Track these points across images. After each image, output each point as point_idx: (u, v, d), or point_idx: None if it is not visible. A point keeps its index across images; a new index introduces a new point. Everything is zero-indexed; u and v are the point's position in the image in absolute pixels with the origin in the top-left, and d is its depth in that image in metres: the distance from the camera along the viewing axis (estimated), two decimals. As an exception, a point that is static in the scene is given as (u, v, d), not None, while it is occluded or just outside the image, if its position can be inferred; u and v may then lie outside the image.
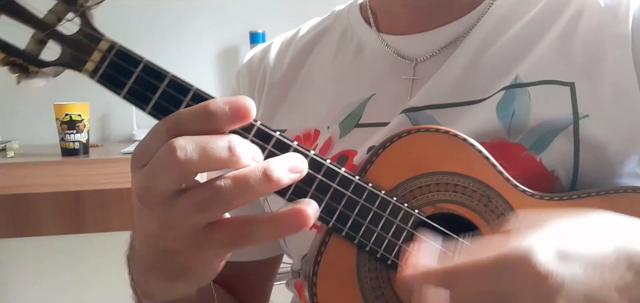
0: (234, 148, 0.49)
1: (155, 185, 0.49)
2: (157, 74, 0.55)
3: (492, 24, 0.74)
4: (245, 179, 0.48)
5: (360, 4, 0.86)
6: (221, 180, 0.48)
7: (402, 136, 0.62)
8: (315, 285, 0.60)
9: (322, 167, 0.57)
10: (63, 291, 2.37)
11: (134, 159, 0.51)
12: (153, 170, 0.49)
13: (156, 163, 0.48)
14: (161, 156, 0.48)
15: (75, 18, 0.54)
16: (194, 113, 0.50)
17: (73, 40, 0.55)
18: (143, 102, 0.55)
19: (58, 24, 0.55)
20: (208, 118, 0.49)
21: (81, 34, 0.55)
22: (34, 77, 0.54)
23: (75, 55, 0.55)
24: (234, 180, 0.48)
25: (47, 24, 0.54)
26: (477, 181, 0.61)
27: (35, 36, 0.54)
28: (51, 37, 0.55)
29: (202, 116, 0.49)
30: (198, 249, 0.51)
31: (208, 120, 0.49)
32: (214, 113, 0.49)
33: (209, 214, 0.49)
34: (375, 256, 0.60)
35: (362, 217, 0.59)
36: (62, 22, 0.54)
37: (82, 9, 0.53)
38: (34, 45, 0.55)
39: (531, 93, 0.68)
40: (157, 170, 0.48)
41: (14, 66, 0.53)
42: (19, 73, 0.54)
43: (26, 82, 0.54)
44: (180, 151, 0.47)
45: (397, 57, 0.78)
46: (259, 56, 0.90)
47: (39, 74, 0.54)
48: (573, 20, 0.71)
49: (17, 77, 0.54)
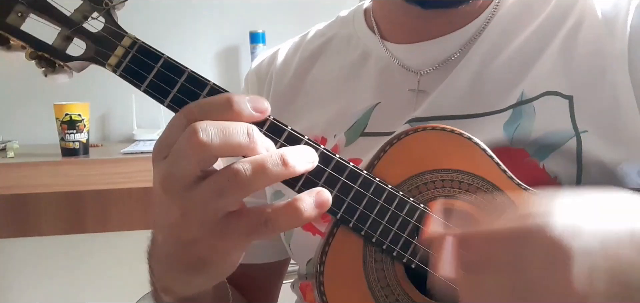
0: (253, 134, 0.52)
1: (178, 170, 0.51)
2: (177, 69, 0.59)
3: (496, 35, 0.74)
4: (263, 162, 0.51)
5: (364, 10, 0.87)
6: (239, 164, 0.51)
7: (409, 133, 0.64)
8: (322, 275, 0.62)
9: (331, 161, 0.59)
10: (63, 291, 2.38)
11: (155, 152, 0.54)
12: (176, 155, 0.51)
13: (178, 147, 0.51)
14: (184, 140, 0.50)
15: (100, 16, 0.57)
16: (215, 102, 0.53)
17: (98, 37, 0.58)
18: (162, 96, 0.58)
19: (84, 22, 0.58)
20: (230, 107, 0.52)
21: (105, 31, 0.58)
22: (60, 72, 0.57)
23: (99, 50, 0.58)
24: (252, 163, 0.51)
25: (74, 22, 0.57)
26: (480, 178, 0.62)
27: (62, 33, 0.57)
28: (77, 34, 0.58)
29: (225, 105, 0.52)
30: (218, 238, 0.53)
31: (229, 110, 0.52)
32: (236, 103, 0.52)
33: (229, 198, 0.51)
34: (381, 248, 0.61)
35: (368, 210, 0.60)
36: (88, 20, 0.57)
37: (107, 8, 0.56)
38: (60, 41, 0.58)
39: (536, 107, 0.69)
40: (180, 154, 0.51)
41: (41, 60, 0.56)
42: (45, 67, 0.56)
43: (52, 76, 0.57)
44: (202, 133, 0.49)
45: (402, 68, 0.78)
46: (267, 62, 0.91)
47: (65, 69, 0.57)
48: (573, 30, 0.71)
49: (43, 71, 0.57)
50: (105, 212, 1.94)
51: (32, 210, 2.02)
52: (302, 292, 0.83)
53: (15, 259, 2.39)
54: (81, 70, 0.58)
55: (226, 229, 0.52)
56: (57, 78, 0.57)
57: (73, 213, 1.97)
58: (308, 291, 0.81)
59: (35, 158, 2.00)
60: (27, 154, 2.07)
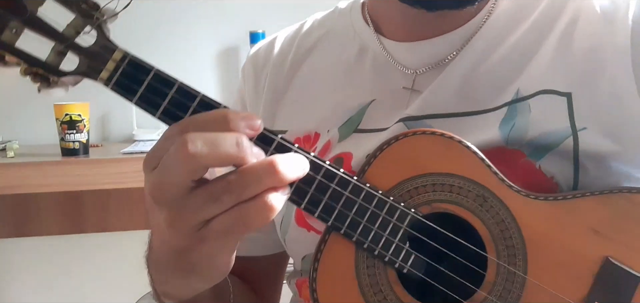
0: (242, 144, 0.52)
1: (167, 179, 0.52)
2: (166, 82, 0.59)
3: (491, 33, 0.74)
4: (254, 171, 0.52)
5: (362, 4, 0.86)
6: (231, 175, 0.52)
7: (399, 139, 0.64)
8: (315, 282, 0.62)
9: (321, 168, 0.60)
10: (63, 291, 2.38)
11: (146, 162, 0.55)
12: (165, 165, 0.52)
13: (168, 158, 0.52)
14: (173, 151, 0.51)
15: (92, 31, 0.58)
16: (211, 118, 0.54)
17: (90, 51, 0.59)
18: (153, 108, 0.59)
19: (76, 37, 0.58)
20: (226, 124, 0.53)
21: (97, 46, 0.59)
22: (54, 87, 0.58)
23: (92, 65, 0.59)
24: (244, 172, 0.52)
25: (67, 37, 0.58)
26: (472, 182, 0.62)
27: (55, 48, 0.58)
28: (70, 49, 0.58)
29: (221, 121, 0.53)
30: (201, 243, 0.54)
31: (224, 124, 0.53)
32: (232, 121, 0.53)
33: (221, 206, 0.52)
34: (373, 254, 0.61)
35: (359, 216, 0.61)
36: (80, 34, 0.58)
37: (98, 22, 0.57)
38: (54, 56, 0.58)
39: (531, 105, 0.68)
40: (169, 165, 0.52)
41: (35, 76, 0.57)
42: (40, 83, 0.57)
43: (47, 91, 0.58)
44: (191, 145, 0.50)
45: (398, 66, 0.78)
46: (264, 51, 0.90)
47: (59, 83, 0.58)
48: (569, 27, 0.71)
49: (38, 87, 0.57)
50: (105, 212, 1.94)
51: (32, 210, 2.02)
52: (297, 289, 0.84)
53: (15, 259, 2.40)
54: (75, 84, 0.59)
55: (206, 234, 0.54)
56: (51, 92, 0.58)
57: (73, 213, 1.97)
58: (304, 288, 0.81)
59: (35, 158, 2.00)
60: (27, 154, 2.07)
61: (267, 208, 0.53)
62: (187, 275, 0.59)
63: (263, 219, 0.53)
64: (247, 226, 0.53)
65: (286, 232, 0.80)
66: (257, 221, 0.53)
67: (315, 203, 0.60)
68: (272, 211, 0.53)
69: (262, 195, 0.53)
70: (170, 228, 0.54)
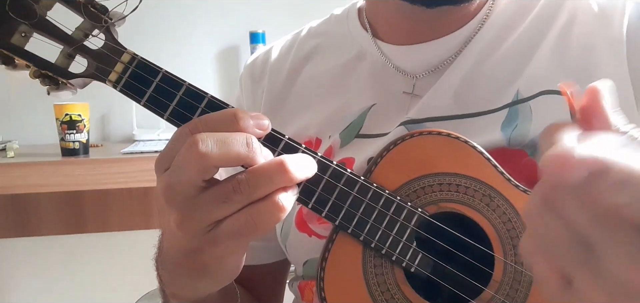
0: (252, 144, 0.53)
1: (179, 179, 0.52)
2: (175, 83, 0.60)
3: (489, 35, 0.74)
4: (265, 171, 0.53)
5: (358, 9, 0.86)
6: (241, 174, 0.52)
7: (406, 139, 0.64)
8: (323, 281, 0.63)
9: (328, 168, 0.60)
10: (63, 291, 2.38)
11: (158, 163, 0.55)
12: (177, 165, 0.53)
13: (179, 158, 0.52)
14: (184, 151, 0.52)
15: (100, 34, 0.58)
16: (221, 118, 0.54)
17: (98, 53, 0.59)
18: (161, 109, 0.60)
19: (85, 40, 0.59)
20: (236, 123, 0.54)
21: (105, 48, 0.59)
22: (63, 89, 0.58)
23: (100, 67, 0.59)
24: (254, 172, 0.52)
25: (75, 40, 0.59)
26: (478, 181, 0.63)
27: (64, 51, 0.59)
28: (79, 52, 0.59)
29: (231, 120, 0.54)
30: (212, 245, 0.55)
31: (235, 125, 0.53)
32: (242, 119, 0.54)
33: (231, 206, 0.52)
34: (380, 253, 0.62)
35: (366, 215, 0.61)
36: (89, 37, 0.58)
37: (106, 25, 0.57)
38: (62, 59, 0.59)
39: (532, 107, 0.69)
40: (181, 165, 0.52)
41: (45, 79, 0.57)
42: (49, 85, 0.58)
43: (56, 93, 0.58)
44: (202, 144, 0.51)
45: (397, 70, 0.78)
46: (261, 60, 0.91)
47: (68, 86, 0.58)
48: (567, 26, 0.71)
49: (47, 89, 0.58)
50: (105, 212, 1.94)
51: (32, 210, 2.02)
52: (300, 292, 0.84)
53: (15, 259, 2.39)
54: (83, 87, 0.60)
55: (216, 235, 0.54)
56: (60, 95, 0.58)
57: (73, 213, 1.97)
58: (306, 290, 0.82)
59: (35, 158, 2.00)
60: (27, 154, 2.07)
61: (277, 208, 0.53)
62: (197, 276, 0.59)
63: (274, 219, 0.53)
64: (258, 227, 0.53)
65: (287, 238, 0.80)
66: (268, 222, 0.53)
67: (322, 203, 0.61)
68: (282, 211, 0.53)
69: (273, 195, 0.53)
70: (181, 229, 0.54)
